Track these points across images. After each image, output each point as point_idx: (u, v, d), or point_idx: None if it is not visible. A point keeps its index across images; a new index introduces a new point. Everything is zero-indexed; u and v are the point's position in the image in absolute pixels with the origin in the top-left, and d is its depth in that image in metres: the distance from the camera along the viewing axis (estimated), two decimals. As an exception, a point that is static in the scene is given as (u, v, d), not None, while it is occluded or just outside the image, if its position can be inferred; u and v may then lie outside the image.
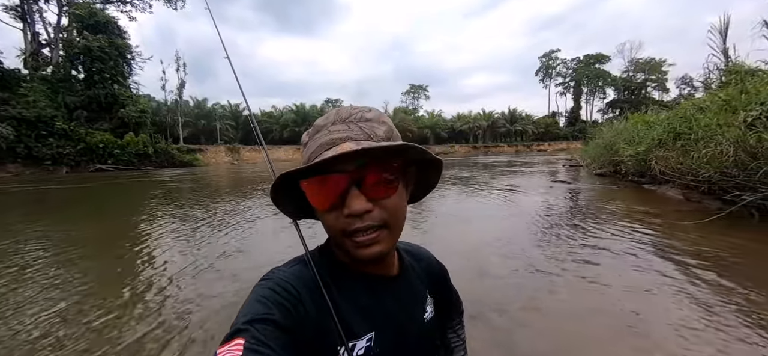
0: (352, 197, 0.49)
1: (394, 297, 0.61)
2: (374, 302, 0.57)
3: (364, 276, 0.58)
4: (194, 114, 46.75)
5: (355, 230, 0.50)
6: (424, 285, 0.69)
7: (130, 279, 3.62)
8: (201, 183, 14.86)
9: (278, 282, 0.51)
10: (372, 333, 0.55)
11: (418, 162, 0.59)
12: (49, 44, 29.79)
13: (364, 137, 0.51)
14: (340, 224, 0.51)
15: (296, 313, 0.48)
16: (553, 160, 24.72)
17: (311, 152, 0.53)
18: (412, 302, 0.64)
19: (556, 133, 64.68)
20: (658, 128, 8.74)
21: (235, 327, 0.44)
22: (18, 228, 6.12)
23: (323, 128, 0.53)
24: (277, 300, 0.48)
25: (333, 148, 0.50)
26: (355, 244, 0.51)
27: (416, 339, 0.61)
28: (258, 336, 0.42)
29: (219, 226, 5.93)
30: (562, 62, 70.22)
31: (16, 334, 2.50)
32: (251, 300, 0.48)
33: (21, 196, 11.80)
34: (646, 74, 61.22)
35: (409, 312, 0.62)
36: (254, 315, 0.45)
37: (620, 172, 10.62)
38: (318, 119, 0.56)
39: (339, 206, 0.50)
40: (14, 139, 22.38)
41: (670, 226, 4.90)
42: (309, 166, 0.49)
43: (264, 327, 0.44)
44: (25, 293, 3.23)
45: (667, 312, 2.56)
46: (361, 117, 0.54)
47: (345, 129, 0.52)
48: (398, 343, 0.58)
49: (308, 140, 0.56)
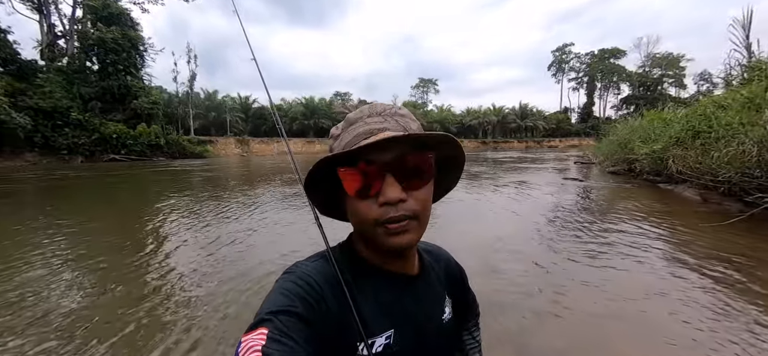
0: (388, 185, 0.50)
1: (414, 296, 0.61)
2: (394, 300, 0.58)
3: (385, 273, 0.59)
4: (205, 106, 47.18)
5: (388, 219, 0.51)
6: (443, 285, 0.70)
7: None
8: (231, 172, 15.05)
9: (301, 276, 0.52)
10: (391, 330, 0.55)
11: (441, 160, 0.59)
12: (65, 36, 30.32)
13: (400, 130, 0.53)
14: (374, 212, 0.51)
15: (318, 307, 0.49)
16: (564, 157, 24.32)
17: (347, 141, 0.54)
18: (432, 302, 0.64)
19: (568, 129, 63.62)
20: (676, 125, 8.49)
21: (259, 317, 0.45)
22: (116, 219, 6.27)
23: (359, 120, 0.55)
24: (299, 294, 0.49)
25: (372, 137, 0.51)
26: (387, 232, 0.51)
27: (435, 339, 0.61)
28: (281, 327, 0.44)
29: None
30: (575, 57, 68.76)
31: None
32: (275, 292, 0.50)
33: (83, 187, 12.10)
34: (663, 70, 59.52)
35: (429, 311, 0.62)
36: (278, 307, 0.46)
37: (635, 170, 10.36)
38: (349, 114, 0.57)
39: (374, 194, 0.51)
40: (31, 128, 22.95)
41: (688, 227, 4.74)
42: (351, 150, 0.50)
43: (287, 318, 0.45)
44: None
45: (683, 316, 2.47)
46: (395, 112, 0.56)
47: (381, 121, 0.54)
48: (417, 342, 0.58)
49: (340, 132, 0.57)
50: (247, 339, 0.42)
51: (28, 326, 2.50)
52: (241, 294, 3.02)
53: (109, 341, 2.31)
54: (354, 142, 0.52)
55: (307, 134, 48.77)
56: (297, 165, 0.77)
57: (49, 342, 2.30)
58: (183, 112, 41.11)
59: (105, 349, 2.23)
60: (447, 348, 0.66)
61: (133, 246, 4.47)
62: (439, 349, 0.63)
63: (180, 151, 30.43)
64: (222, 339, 2.35)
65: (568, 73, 70.33)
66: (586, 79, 66.77)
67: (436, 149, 0.54)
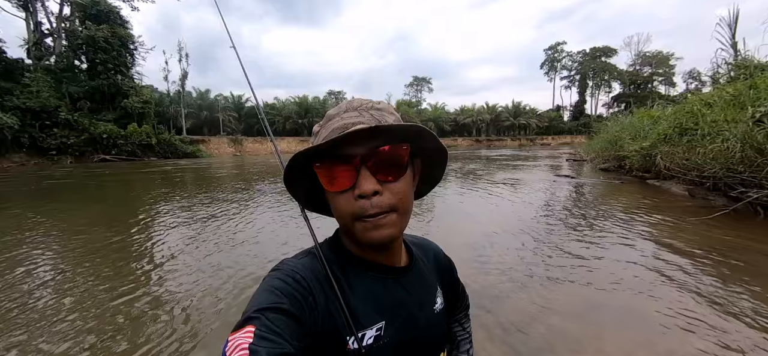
0: (362, 178, 0.51)
1: (404, 288, 0.61)
2: (384, 292, 0.58)
3: (373, 266, 0.59)
4: (197, 105, 46.67)
5: (365, 213, 0.51)
6: (434, 277, 0.70)
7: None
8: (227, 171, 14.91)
9: (288, 273, 0.52)
10: (382, 322, 0.55)
11: (423, 154, 0.60)
12: (52, 34, 29.79)
13: (374, 123, 0.53)
14: (351, 207, 0.52)
15: (306, 303, 0.49)
16: (556, 154, 24.60)
17: (323, 137, 0.54)
18: (422, 293, 0.65)
19: (561, 127, 64.31)
20: (664, 123, 8.65)
21: (246, 315, 0.45)
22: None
23: (335, 116, 0.55)
24: (287, 290, 0.49)
25: (345, 131, 0.51)
26: (364, 227, 0.52)
27: (426, 330, 0.62)
28: (268, 324, 0.43)
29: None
30: (567, 55, 69.44)
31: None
32: (262, 290, 0.49)
33: (74, 186, 11.88)
34: (653, 68, 60.46)
35: (419, 302, 0.63)
36: (265, 304, 0.46)
37: (625, 167, 10.55)
38: (330, 110, 0.58)
39: (350, 188, 0.51)
40: (19, 129, 22.50)
41: (674, 222, 4.86)
42: (321, 144, 0.50)
43: (274, 315, 0.45)
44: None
45: (669, 307, 2.54)
46: (372, 106, 0.56)
47: (357, 115, 0.54)
48: (408, 333, 0.58)
49: (320, 129, 0.57)
50: (235, 338, 0.42)
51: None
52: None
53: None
54: (329, 137, 0.52)
55: (301, 132, 48.56)
56: (284, 165, 0.80)
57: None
58: (175, 111, 40.65)
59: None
60: (438, 337, 0.66)
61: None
62: (431, 339, 0.63)
63: (172, 151, 30.11)
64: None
65: (560, 72, 71.10)
66: (578, 78, 67.50)
67: (411, 142, 0.54)
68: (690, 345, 2.12)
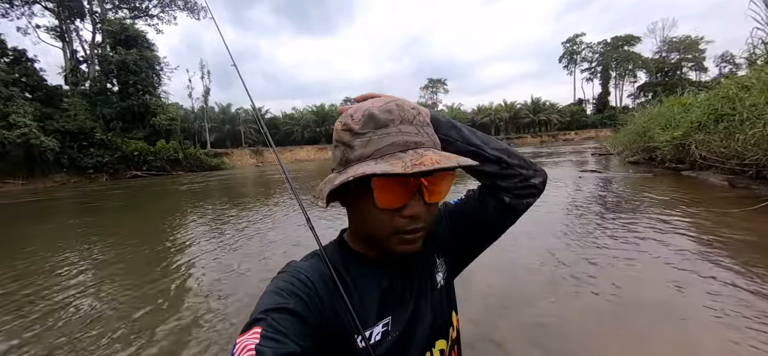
0: (416, 201, 0.52)
1: (406, 279, 0.63)
2: (388, 289, 0.60)
3: (378, 263, 0.60)
4: (219, 119, 48.44)
5: (406, 229, 0.53)
6: (431, 250, 0.69)
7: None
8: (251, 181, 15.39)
9: (293, 274, 0.54)
10: (388, 318, 0.57)
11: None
12: (86, 60, 31.82)
13: (431, 144, 0.53)
14: (396, 222, 0.53)
15: (311, 302, 0.50)
16: (580, 149, 23.77)
17: (378, 147, 0.50)
18: (423, 277, 0.66)
19: (584, 121, 62.15)
20: (697, 110, 8.21)
21: (253, 317, 0.46)
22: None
23: (390, 124, 0.51)
24: (293, 291, 0.50)
25: (410, 152, 0.49)
26: (402, 241, 0.54)
27: (431, 312, 0.64)
28: (274, 324, 0.44)
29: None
30: (587, 47, 67.07)
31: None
32: (269, 292, 0.51)
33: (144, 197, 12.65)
34: (681, 54, 57.52)
35: (422, 288, 0.64)
36: (271, 305, 0.47)
37: (656, 159, 10.06)
38: (374, 111, 0.52)
39: (402, 206, 0.52)
40: (59, 150, 24.10)
41: (715, 214, 4.58)
42: (411, 174, 0.46)
43: (280, 315, 0.46)
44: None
45: (715, 304, 2.40)
46: (424, 122, 0.55)
47: (415, 132, 0.52)
48: (414, 322, 0.60)
49: (366, 131, 0.51)
50: (242, 340, 0.42)
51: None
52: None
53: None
54: (388, 150, 0.50)
55: (319, 140, 49.34)
56: (288, 175, 0.79)
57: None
58: (199, 126, 42.32)
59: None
60: (445, 313, 0.67)
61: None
62: (438, 320, 0.64)
63: (198, 164, 31.30)
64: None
65: (581, 64, 68.74)
66: (600, 69, 65.08)
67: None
68: (738, 345, 2.00)
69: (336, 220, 5.48)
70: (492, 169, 0.66)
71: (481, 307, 2.65)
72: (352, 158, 0.52)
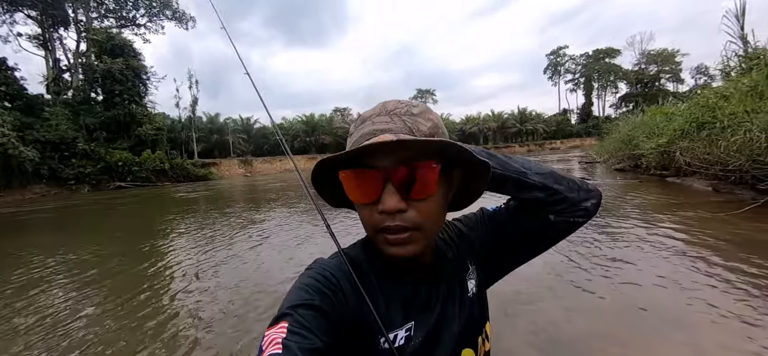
0: (386, 194, 0.48)
1: (432, 284, 0.60)
2: (412, 293, 0.58)
3: (401, 266, 0.58)
4: (207, 129, 47.64)
5: (387, 227, 0.50)
6: (463, 257, 0.67)
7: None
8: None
9: (320, 271, 0.54)
10: (411, 323, 0.56)
11: (463, 165, 0.55)
12: (70, 69, 31.08)
13: (405, 131, 0.51)
14: (374, 219, 0.51)
15: (336, 300, 0.51)
16: (567, 157, 24.34)
17: (353, 141, 0.54)
18: (452, 285, 0.63)
19: (569, 130, 63.73)
20: (679, 118, 8.54)
21: (281, 311, 0.47)
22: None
23: (368, 119, 0.54)
24: (318, 288, 0.51)
25: (373, 139, 0.49)
26: (386, 242, 0.51)
27: (460, 320, 0.61)
28: (300, 320, 0.45)
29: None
30: (570, 59, 69.24)
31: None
32: (295, 288, 0.51)
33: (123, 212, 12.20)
34: (659, 66, 59.83)
35: (450, 296, 0.62)
36: (298, 301, 0.48)
37: (641, 166, 10.38)
38: (365, 111, 0.57)
39: (375, 201, 0.50)
40: (39, 161, 23.25)
41: (702, 218, 4.74)
42: (345, 153, 0.48)
43: (306, 311, 0.47)
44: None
45: (706, 306, 2.46)
46: (407, 111, 0.53)
47: (387, 120, 0.52)
48: (440, 330, 0.58)
49: (353, 130, 0.56)
50: (270, 333, 0.44)
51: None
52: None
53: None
54: (358, 143, 0.51)
55: (309, 150, 49.02)
56: (305, 181, 0.73)
57: None
58: (186, 136, 41.53)
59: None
60: (476, 323, 0.64)
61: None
62: (466, 329, 0.62)
63: (184, 175, 30.63)
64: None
65: (564, 76, 70.75)
66: (583, 80, 67.13)
67: (442, 158, 0.50)
68: (729, 349, 2.04)
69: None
70: (538, 196, 0.62)
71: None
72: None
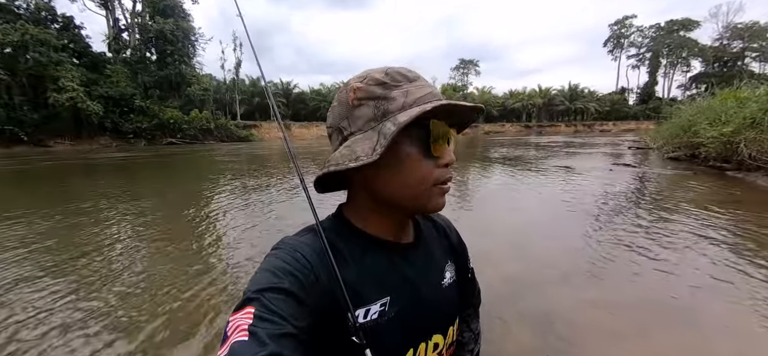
0: (450, 149, 0.55)
1: (410, 263, 0.60)
2: (389, 268, 0.57)
3: (379, 242, 0.58)
4: (249, 92, 49.59)
5: (446, 180, 0.54)
6: (444, 251, 0.69)
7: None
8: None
9: (288, 251, 0.51)
10: (387, 298, 0.55)
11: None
12: (128, 29, 33.24)
13: (446, 99, 0.53)
14: (436, 173, 0.53)
15: (306, 281, 0.48)
16: (617, 141, 22.34)
17: (419, 96, 0.51)
18: (430, 268, 0.64)
19: (625, 112, 58.22)
20: (753, 105, 7.41)
21: (246, 295, 0.45)
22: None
23: (415, 81, 0.54)
24: (286, 269, 0.48)
25: (438, 100, 0.51)
26: (441, 191, 0.54)
27: (433, 304, 0.61)
28: (268, 304, 0.43)
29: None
30: (637, 30, 61.79)
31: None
32: (262, 270, 0.49)
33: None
34: (746, 42, 51.69)
35: (426, 277, 0.62)
36: (264, 284, 0.46)
37: (698, 156, 9.26)
38: (397, 68, 0.54)
39: (436, 155, 0.53)
40: (103, 115, 25.74)
41: (761, 219, 4.16)
42: (453, 104, 0.50)
43: (273, 295, 0.44)
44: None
45: (759, 317, 2.19)
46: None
47: (431, 88, 0.54)
48: (414, 307, 0.57)
49: (403, 83, 0.52)
50: (235, 319, 0.42)
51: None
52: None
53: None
54: (425, 99, 0.51)
55: (345, 117, 49.40)
56: (293, 152, 0.65)
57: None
58: (230, 98, 43.58)
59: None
60: (448, 312, 0.65)
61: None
62: (439, 313, 0.62)
63: (228, 135, 32.46)
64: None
65: (628, 50, 63.68)
66: (649, 56, 60.03)
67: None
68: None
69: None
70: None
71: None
72: (391, 108, 0.50)
